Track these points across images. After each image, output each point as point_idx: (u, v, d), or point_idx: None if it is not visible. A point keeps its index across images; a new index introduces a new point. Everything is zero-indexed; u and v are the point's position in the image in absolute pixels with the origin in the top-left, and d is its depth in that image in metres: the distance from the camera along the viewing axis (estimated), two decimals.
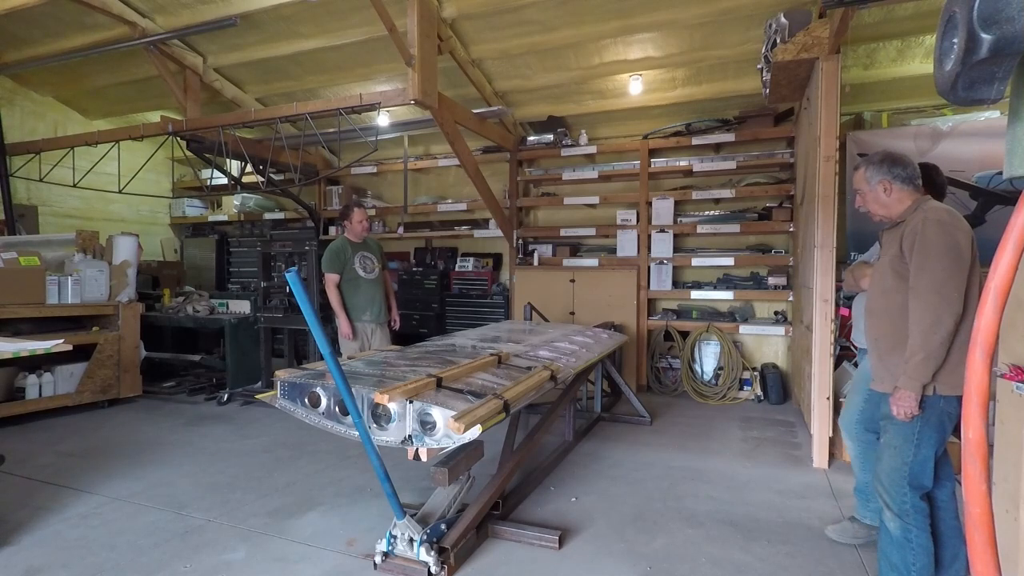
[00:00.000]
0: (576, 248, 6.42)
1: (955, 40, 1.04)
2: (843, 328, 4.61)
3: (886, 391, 2.14)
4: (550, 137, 6.15)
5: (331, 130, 4.84)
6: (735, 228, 5.55)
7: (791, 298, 5.39)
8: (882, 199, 2.20)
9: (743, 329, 5.57)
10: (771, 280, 5.48)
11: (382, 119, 5.73)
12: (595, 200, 6.10)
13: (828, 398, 3.63)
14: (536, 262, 6.25)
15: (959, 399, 1.89)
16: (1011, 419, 1.67)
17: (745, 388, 5.59)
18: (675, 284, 5.85)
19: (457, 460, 2.55)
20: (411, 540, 2.40)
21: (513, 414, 2.65)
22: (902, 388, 2.02)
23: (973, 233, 2.03)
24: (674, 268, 5.86)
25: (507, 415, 2.40)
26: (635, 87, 5.50)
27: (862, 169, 2.24)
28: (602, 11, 4.59)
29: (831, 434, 3.68)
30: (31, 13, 4.76)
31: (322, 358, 2.16)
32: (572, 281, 5.99)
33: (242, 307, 6.49)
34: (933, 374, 1.99)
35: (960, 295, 1.95)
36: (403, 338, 6.43)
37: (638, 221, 5.93)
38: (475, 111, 5.32)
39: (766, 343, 5.82)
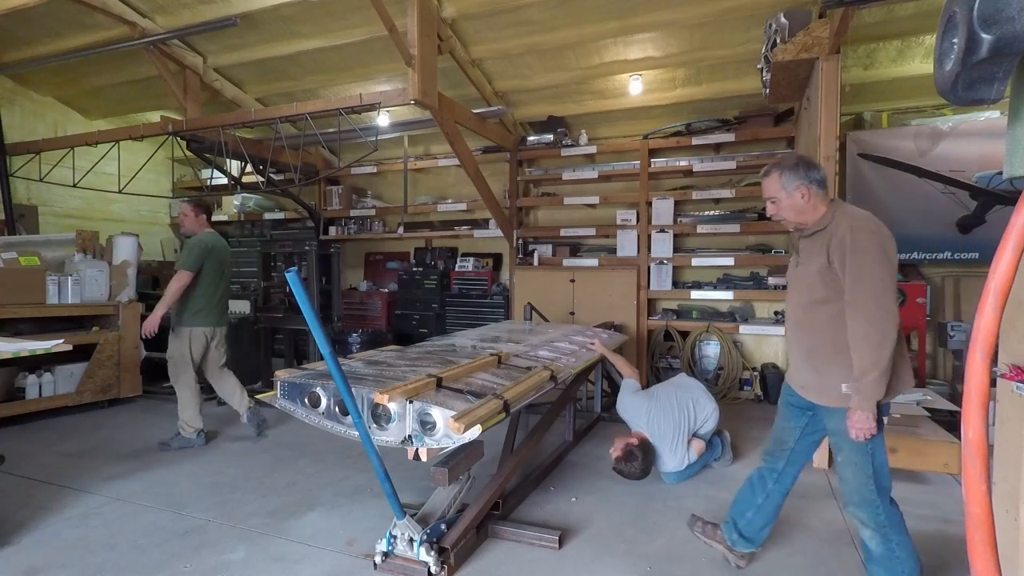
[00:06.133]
0: (576, 248, 6.42)
1: (955, 40, 1.04)
2: None
3: (826, 404, 2.09)
4: (550, 137, 6.15)
5: (331, 130, 4.84)
6: (735, 228, 5.55)
7: None
8: (800, 205, 2.08)
9: (743, 329, 5.57)
10: (771, 280, 5.48)
11: (382, 119, 5.73)
12: (595, 200, 6.10)
13: None
14: (536, 262, 6.25)
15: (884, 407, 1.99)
16: (1011, 419, 1.67)
17: (745, 388, 5.59)
18: (675, 284, 5.85)
19: (457, 460, 2.55)
20: (411, 540, 2.40)
21: (513, 414, 2.64)
22: (859, 410, 1.94)
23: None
24: (674, 268, 5.86)
25: (507, 415, 2.40)
26: (635, 87, 5.50)
27: (775, 174, 2.10)
28: (602, 11, 4.59)
29: None
30: (31, 13, 4.76)
31: (322, 358, 2.16)
32: (572, 281, 5.98)
33: (242, 307, 6.49)
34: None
35: (896, 303, 1.93)
36: (403, 338, 6.47)
37: (638, 221, 5.93)
38: (475, 111, 5.32)
39: (766, 343, 5.82)
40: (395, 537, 2.43)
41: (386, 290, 7.15)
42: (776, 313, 5.72)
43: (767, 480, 2.37)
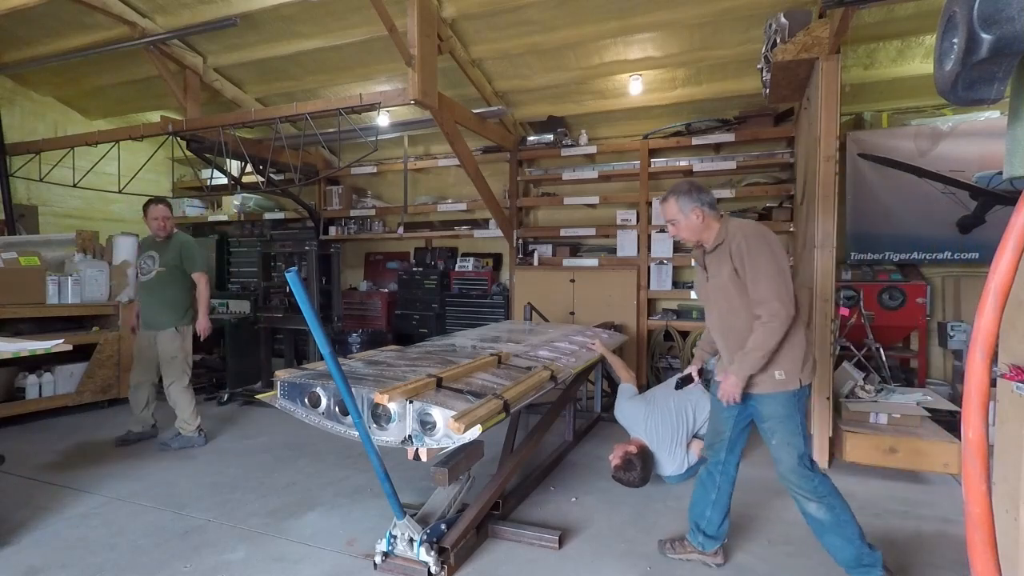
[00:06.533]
0: (576, 248, 6.42)
1: (955, 40, 1.04)
2: (843, 328, 4.61)
3: (762, 392, 2.31)
4: (550, 137, 6.15)
5: (331, 130, 4.83)
6: None
7: None
8: (696, 226, 2.34)
9: None
10: None
11: (382, 119, 5.73)
12: (595, 200, 6.10)
13: (828, 398, 3.63)
14: (536, 262, 6.25)
15: (810, 384, 2.34)
16: (1011, 419, 1.67)
17: None
18: (675, 284, 5.84)
19: (457, 460, 2.55)
20: (411, 540, 2.40)
21: (513, 414, 2.65)
22: (734, 375, 2.25)
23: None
24: (674, 268, 5.85)
25: (507, 415, 2.40)
26: (635, 87, 5.50)
27: (672, 200, 2.35)
28: (602, 11, 4.58)
29: (831, 434, 3.68)
30: (31, 13, 4.75)
31: (322, 358, 2.16)
32: (572, 281, 5.98)
33: (242, 307, 6.49)
34: (800, 368, 2.26)
35: (792, 292, 2.21)
36: (403, 338, 6.46)
37: (638, 221, 5.92)
38: (475, 111, 5.32)
39: None
40: (395, 537, 2.43)
41: (386, 290, 7.15)
42: None
43: (715, 474, 2.53)
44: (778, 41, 3.76)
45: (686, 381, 2.76)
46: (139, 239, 4.21)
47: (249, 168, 6.03)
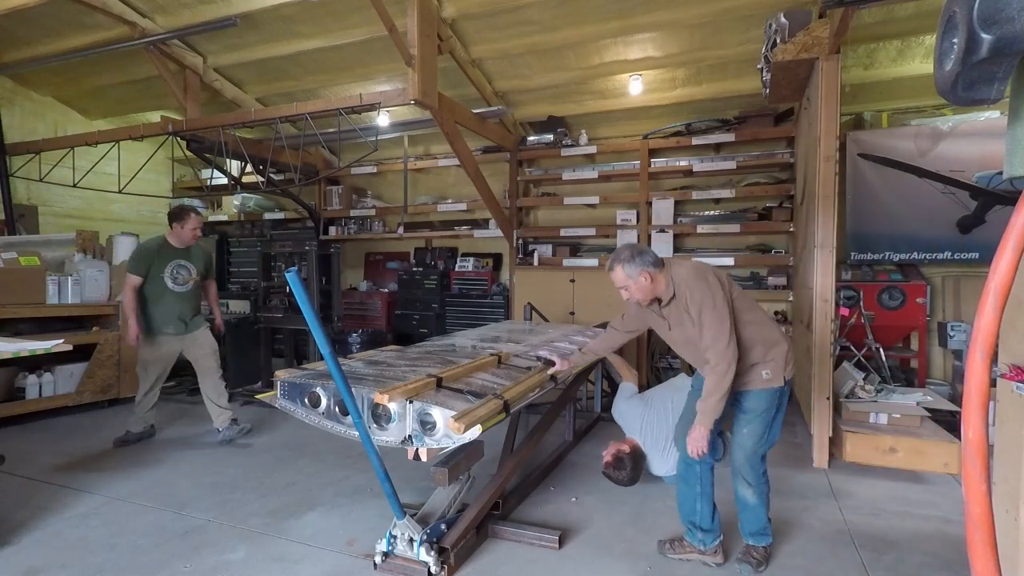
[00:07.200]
0: (576, 248, 6.42)
1: (955, 40, 1.04)
2: (843, 328, 4.61)
3: (749, 389, 2.45)
4: (550, 137, 6.15)
5: (331, 130, 4.83)
6: (735, 228, 5.55)
7: (791, 298, 5.38)
8: (646, 287, 2.43)
9: None
10: (771, 280, 5.48)
11: (382, 119, 5.73)
12: (595, 200, 6.10)
13: (828, 398, 3.63)
14: (536, 262, 6.25)
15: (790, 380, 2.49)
16: (1011, 419, 1.67)
17: None
18: None
19: (457, 460, 2.55)
20: (411, 540, 2.40)
21: (513, 414, 2.65)
22: (701, 426, 2.36)
23: (710, 265, 2.48)
24: None
25: (507, 415, 2.40)
26: (635, 87, 5.50)
27: (619, 268, 2.43)
28: (602, 11, 4.59)
29: (831, 434, 3.68)
30: (31, 13, 4.75)
31: (322, 358, 2.16)
32: (572, 281, 5.98)
33: (242, 307, 6.49)
34: (783, 367, 2.43)
35: (730, 325, 2.30)
36: (403, 338, 6.46)
37: (638, 221, 5.92)
38: (475, 111, 5.32)
39: None
40: (395, 537, 2.43)
41: (386, 290, 7.15)
42: (776, 313, 5.72)
43: (694, 465, 2.57)
44: (778, 41, 3.76)
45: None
46: (156, 245, 4.14)
47: (249, 168, 6.03)
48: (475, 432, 2.13)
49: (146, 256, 4.09)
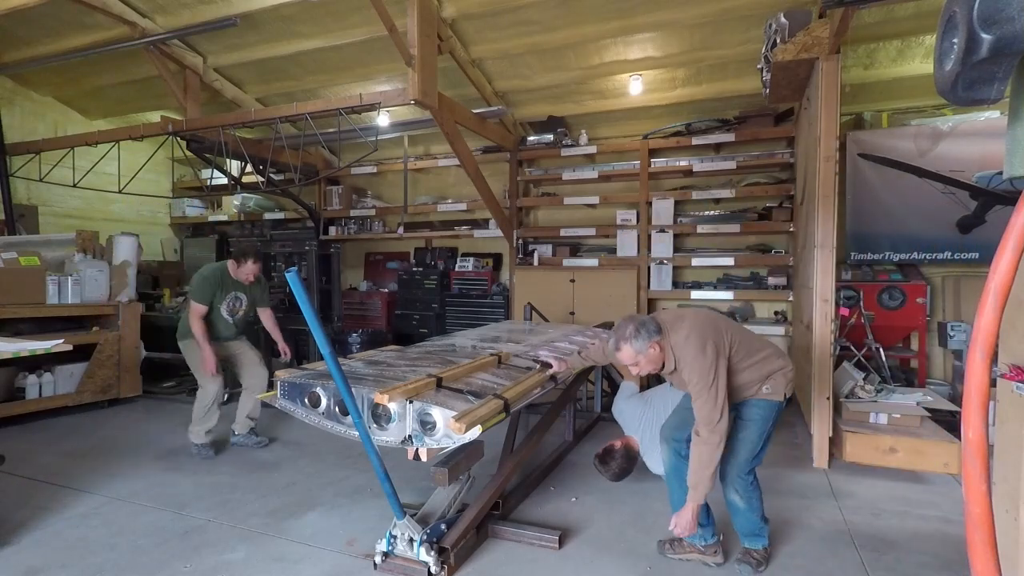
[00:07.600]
0: (576, 248, 6.42)
1: (955, 40, 1.04)
2: (843, 328, 4.61)
3: (749, 398, 2.47)
4: (550, 137, 6.15)
5: (331, 130, 4.83)
6: (735, 228, 5.55)
7: (791, 298, 5.38)
8: (656, 357, 2.42)
9: None
10: (771, 280, 5.48)
11: (382, 119, 5.72)
12: (595, 200, 6.10)
13: (828, 398, 3.63)
14: (536, 262, 6.25)
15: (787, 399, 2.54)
16: (1011, 419, 1.67)
17: None
18: (675, 284, 5.84)
19: (457, 460, 2.55)
20: (411, 540, 2.40)
21: (513, 414, 2.65)
22: (693, 503, 2.33)
23: (706, 310, 2.57)
24: (674, 268, 5.85)
25: (507, 415, 2.40)
26: (635, 87, 5.50)
27: (627, 346, 2.39)
28: (602, 11, 4.58)
29: (831, 434, 3.68)
30: (31, 13, 4.75)
31: (322, 358, 2.16)
32: (572, 281, 5.98)
33: None
34: (784, 386, 2.48)
35: (724, 399, 2.27)
36: (403, 338, 6.46)
37: (638, 221, 5.92)
38: (475, 111, 5.32)
39: None
40: (395, 537, 2.43)
41: (386, 290, 7.15)
42: (776, 313, 5.72)
43: (682, 454, 2.57)
44: (778, 41, 3.76)
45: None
46: (220, 274, 4.15)
47: (249, 168, 6.03)
48: (475, 432, 2.13)
49: (212, 285, 4.10)
